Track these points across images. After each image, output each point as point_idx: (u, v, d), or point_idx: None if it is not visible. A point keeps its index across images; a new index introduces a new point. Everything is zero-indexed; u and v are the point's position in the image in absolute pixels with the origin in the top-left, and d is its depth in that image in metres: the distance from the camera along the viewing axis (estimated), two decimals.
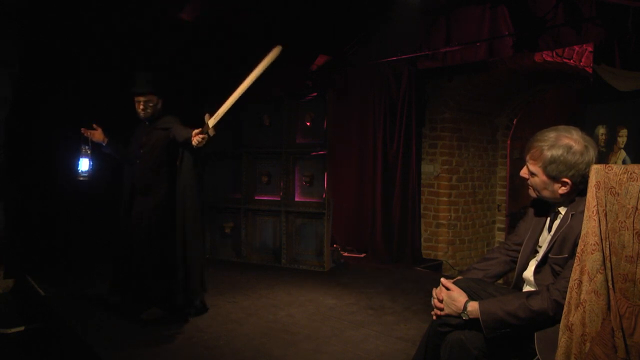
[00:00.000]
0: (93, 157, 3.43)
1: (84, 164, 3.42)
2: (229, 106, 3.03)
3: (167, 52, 5.12)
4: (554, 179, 1.81)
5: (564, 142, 1.79)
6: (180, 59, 5.32)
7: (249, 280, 4.58)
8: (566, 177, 1.79)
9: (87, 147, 3.44)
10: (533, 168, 1.86)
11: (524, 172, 1.93)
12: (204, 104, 5.57)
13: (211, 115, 3.06)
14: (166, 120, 3.49)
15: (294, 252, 5.22)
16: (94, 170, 3.43)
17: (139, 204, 3.47)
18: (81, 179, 3.43)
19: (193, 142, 3.05)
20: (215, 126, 3.07)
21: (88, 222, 4.76)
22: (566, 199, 1.85)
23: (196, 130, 3.06)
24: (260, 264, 5.28)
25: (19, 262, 4.33)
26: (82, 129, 3.45)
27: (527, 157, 1.89)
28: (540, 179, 1.85)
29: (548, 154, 1.79)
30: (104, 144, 3.54)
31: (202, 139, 3.04)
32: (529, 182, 1.92)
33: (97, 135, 3.49)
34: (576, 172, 1.77)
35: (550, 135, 1.82)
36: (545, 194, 1.87)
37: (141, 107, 3.45)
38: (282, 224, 5.22)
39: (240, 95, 3.00)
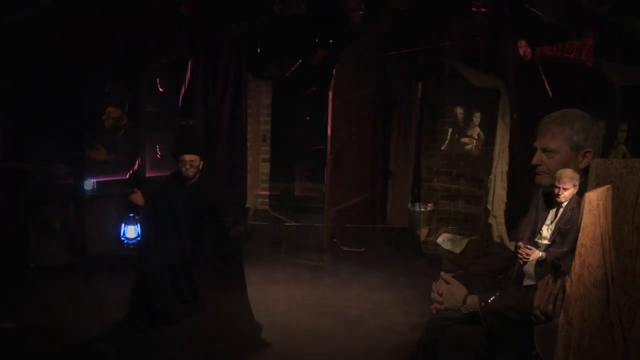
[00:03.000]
0: (140, 222, 3.25)
1: (131, 231, 3.26)
2: None
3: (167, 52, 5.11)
4: (578, 149, 1.81)
5: (576, 115, 1.84)
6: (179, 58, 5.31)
7: (248, 276, 4.57)
8: (588, 147, 1.81)
9: (133, 215, 3.28)
10: (554, 145, 1.83)
11: (537, 159, 1.89)
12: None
13: None
14: None
15: (293, 247, 5.23)
16: (142, 235, 3.24)
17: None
18: (130, 247, 3.30)
19: None
20: None
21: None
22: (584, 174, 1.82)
23: None
24: (260, 259, 5.28)
25: (19, 258, 4.33)
26: (128, 198, 3.27)
27: (543, 139, 1.86)
28: (562, 155, 1.83)
29: (570, 125, 1.81)
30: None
31: None
32: (542, 168, 1.88)
33: (139, 198, 3.32)
34: (597, 140, 1.81)
35: (558, 113, 1.86)
36: None
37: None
38: (282, 218, 5.22)
39: None
